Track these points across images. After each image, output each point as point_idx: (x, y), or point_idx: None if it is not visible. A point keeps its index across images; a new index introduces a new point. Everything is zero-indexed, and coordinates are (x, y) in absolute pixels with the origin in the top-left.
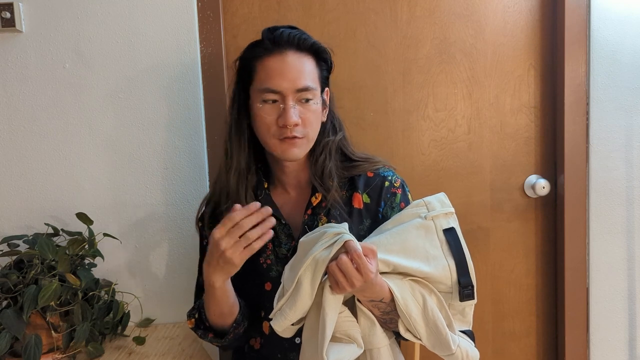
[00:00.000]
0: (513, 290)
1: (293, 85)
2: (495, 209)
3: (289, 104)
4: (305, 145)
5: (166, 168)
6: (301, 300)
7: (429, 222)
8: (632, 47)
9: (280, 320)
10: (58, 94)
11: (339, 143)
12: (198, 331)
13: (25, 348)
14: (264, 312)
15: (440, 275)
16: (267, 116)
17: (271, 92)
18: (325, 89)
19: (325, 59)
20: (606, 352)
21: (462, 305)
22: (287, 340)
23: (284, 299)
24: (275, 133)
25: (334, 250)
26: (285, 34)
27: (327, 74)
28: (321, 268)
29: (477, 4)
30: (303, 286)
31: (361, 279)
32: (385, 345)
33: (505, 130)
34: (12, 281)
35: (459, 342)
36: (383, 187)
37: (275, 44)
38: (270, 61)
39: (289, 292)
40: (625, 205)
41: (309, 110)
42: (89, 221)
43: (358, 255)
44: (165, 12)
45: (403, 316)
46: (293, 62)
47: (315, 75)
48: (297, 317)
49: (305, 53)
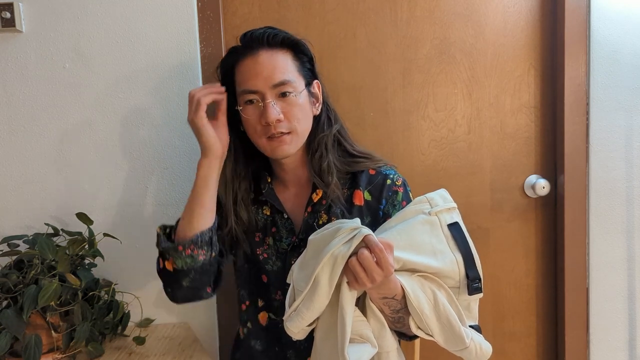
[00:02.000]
0: (513, 290)
1: (268, 82)
2: (495, 209)
3: (267, 101)
4: (295, 140)
5: (166, 168)
6: (319, 298)
7: (433, 217)
8: (632, 47)
9: (296, 322)
10: (58, 94)
11: (335, 135)
12: (161, 240)
13: (25, 348)
14: (262, 302)
15: (448, 270)
16: (250, 117)
17: (249, 93)
18: (314, 81)
19: (303, 51)
20: (606, 352)
21: (467, 301)
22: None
23: (300, 299)
24: (261, 132)
25: (354, 245)
26: (256, 34)
27: (310, 65)
28: (340, 264)
29: (477, 4)
30: (321, 284)
31: (382, 273)
32: (394, 349)
33: (505, 130)
34: (12, 281)
35: (472, 335)
36: (385, 185)
37: (247, 47)
38: (245, 63)
39: (305, 291)
40: (625, 205)
41: (290, 103)
42: (89, 221)
43: (380, 249)
44: (165, 12)
45: (414, 312)
46: (265, 59)
47: (293, 68)
48: (314, 317)
49: (278, 48)
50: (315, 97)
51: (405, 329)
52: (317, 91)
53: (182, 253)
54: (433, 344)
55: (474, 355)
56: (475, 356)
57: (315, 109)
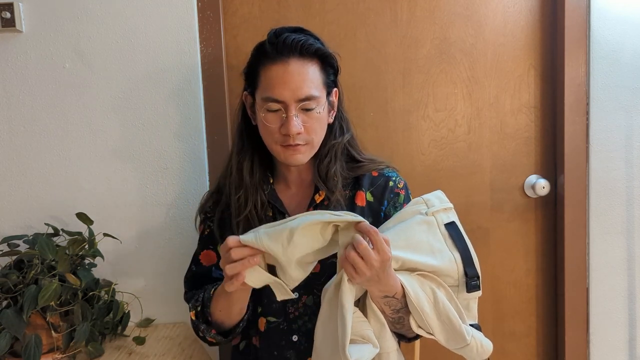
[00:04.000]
0: (513, 290)
1: (295, 94)
2: (495, 209)
3: (291, 114)
4: (309, 151)
5: (166, 168)
6: (280, 231)
7: (430, 217)
8: (632, 47)
9: (249, 235)
10: (58, 94)
11: (345, 144)
12: (200, 325)
13: (25, 348)
14: (261, 308)
15: (447, 268)
16: (270, 124)
17: (274, 102)
18: (334, 89)
19: (332, 64)
20: (606, 352)
21: (466, 300)
22: (284, 337)
23: (268, 224)
24: (279, 140)
25: (344, 218)
26: (289, 40)
27: (334, 77)
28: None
29: (477, 4)
30: (291, 222)
31: (379, 258)
32: (394, 350)
33: (505, 130)
34: (12, 281)
35: (473, 333)
36: (387, 187)
37: (278, 52)
38: (273, 69)
39: (274, 222)
40: (625, 205)
41: (312, 118)
42: (89, 221)
43: (374, 231)
44: (165, 12)
45: (415, 311)
46: (296, 70)
47: (319, 82)
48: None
49: (310, 59)
50: (332, 105)
51: (405, 329)
52: (334, 99)
53: (218, 336)
54: (433, 345)
55: (475, 352)
56: (476, 353)
57: (330, 117)
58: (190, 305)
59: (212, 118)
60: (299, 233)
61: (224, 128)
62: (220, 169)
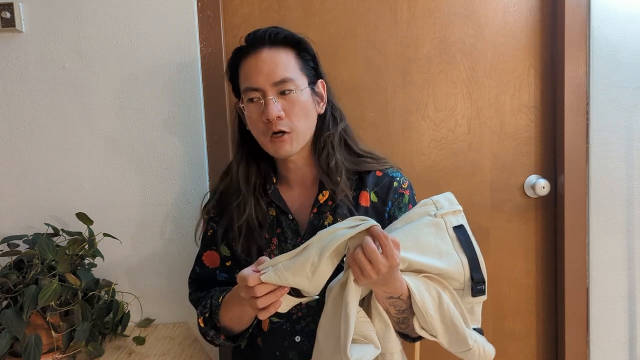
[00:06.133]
0: (513, 290)
1: (269, 79)
2: (495, 209)
3: (268, 98)
4: (295, 139)
5: (166, 168)
6: (302, 263)
7: (439, 219)
8: (632, 47)
9: (270, 274)
10: (58, 94)
11: (341, 134)
12: (209, 332)
13: (25, 348)
14: None
15: (453, 271)
16: (252, 114)
17: (251, 90)
18: (319, 80)
19: (306, 49)
20: (606, 352)
21: (471, 304)
22: (287, 338)
23: (284, 256)
24: (264, 130)
25: (357, 230)
26: (259, 33)
27: (313, 64)
28: (338, 240)
29: (477, 4)
30: (309, 251)
31: (387, 263)
32: (398, 350)
33: (505, 130)
34: (12, 281)
35: (475, 337)
36: (391, 187)
37: (250, 46)
38: (247, 62)
39: (294, 253)
40: (625, 205)
41: (290, 101)
42: (89, 221)
43: (384, 236)
44: (165, 12)
45: (419, 313)
46: (267, 57)
47: (295, 67)
48: (288, 282)
49: (281, 47)
50: (320, 96)
51: (409, 330)
52: (321, 90)
53: (226, 341)
54: (433, 346)
55: (477, 357)
56: (478, 358)
57: (319, 108)
58: (198, 312)
59: (212, 118)
60: (323, 262)
61: (224, 128)
62: (221, 169)
